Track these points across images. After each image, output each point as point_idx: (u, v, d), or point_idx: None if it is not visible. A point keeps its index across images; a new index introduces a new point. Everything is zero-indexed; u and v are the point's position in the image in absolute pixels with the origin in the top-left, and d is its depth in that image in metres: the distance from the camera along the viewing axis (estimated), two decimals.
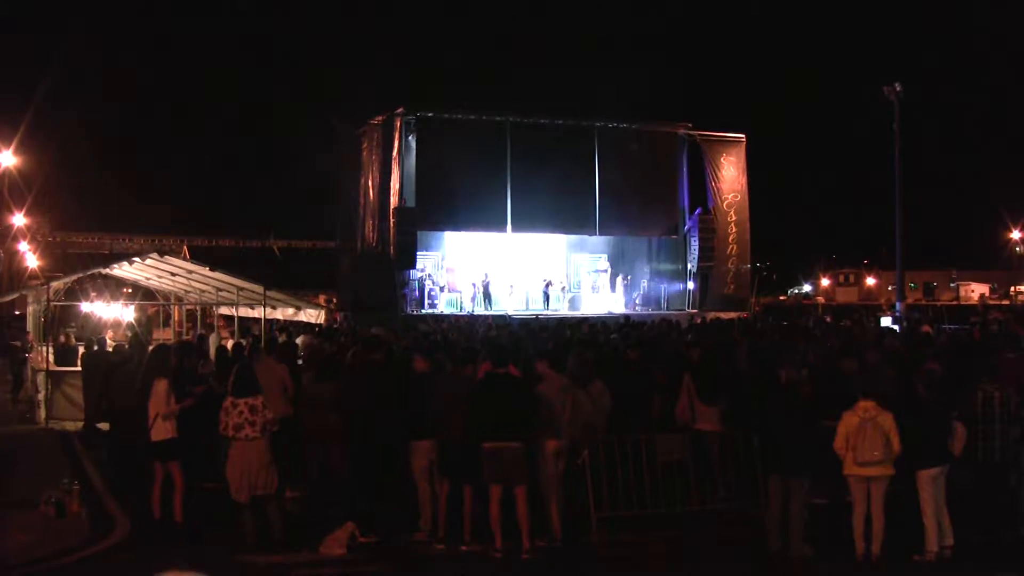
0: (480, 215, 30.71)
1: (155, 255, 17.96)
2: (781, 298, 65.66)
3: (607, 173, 32.26)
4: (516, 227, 31.02)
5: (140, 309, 23.96)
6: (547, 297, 30.50)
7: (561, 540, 8.10)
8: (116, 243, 35.56)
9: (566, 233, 32.48)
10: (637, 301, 32.01)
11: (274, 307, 18.45)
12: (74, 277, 19.86)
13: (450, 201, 29.74)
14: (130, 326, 21.89)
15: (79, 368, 14.69)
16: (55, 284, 18.47)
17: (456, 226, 31.15)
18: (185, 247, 32.82)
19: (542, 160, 30.42)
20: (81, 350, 15.62)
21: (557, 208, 30.55)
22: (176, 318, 25.59)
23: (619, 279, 31.69)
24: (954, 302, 50.55)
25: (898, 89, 27.94)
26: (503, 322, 21.28)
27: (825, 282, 70.00)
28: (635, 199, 32.49)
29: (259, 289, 17.23)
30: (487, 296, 29.30)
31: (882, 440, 7.51)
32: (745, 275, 34.20)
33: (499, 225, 30.96)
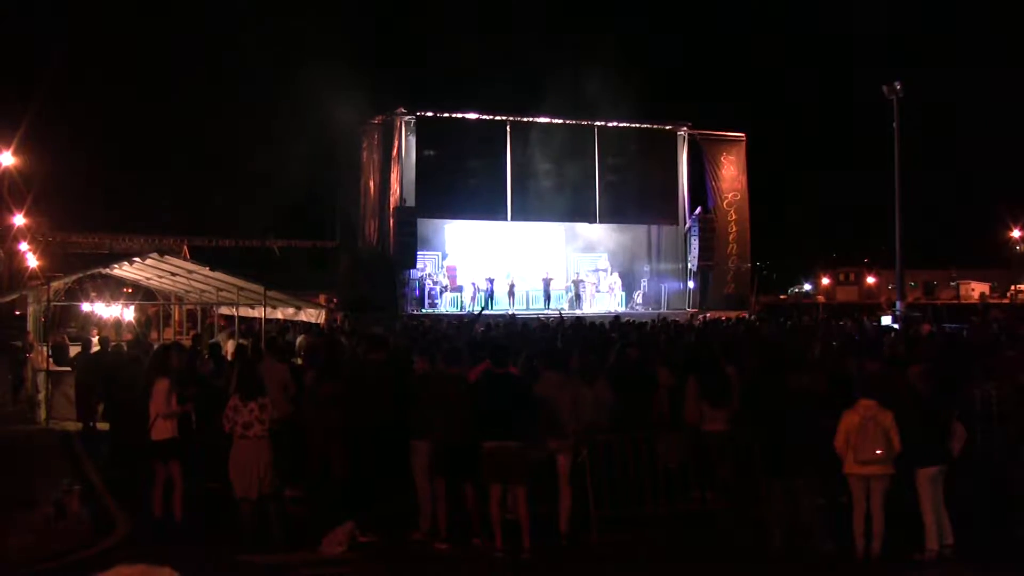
0: (480, 204, 30.79)
1: (155, 255, 17.87)
2: (782, 297, 65.49)
3: (607, 170, 32.32)
4: (516, 216, 30.99)
5: (140, 309, 23.92)
6: (548, 296, 30.42)
7: (567, 539, 8.11)
8: (116, 243, 35.37)
9: (566, 221, 32.44)
10: (637, 300, 32.01)
11: (274, 307, 18.40)
12: (74, 277, 19.81)
13: (450, 193, 29.90)
14: (130, 326, 21.86)
15: (85, 368, 14.60)
16: (55, 284, 18.41)
17: (456, 214, 31.16)
18: (185, 247, 32.66)
19: (542, 156, 30.56)
20: (78, 349, 15.58)
21: (557, 198, 30.62)
22: (176, 318, 25.53)
23: (617, 277, 31.67)
24: (954, 301, 50.45)
25: (898, 88, 27.99)
26: (502, 321, 21.24)
27: (825, 281, 69.80)
28: (635, 194, 32.60)
29: (259, 289, 17.19)
30: (491, 296, 29.23)
31: (884, 438, 7.50)
32: (745, 274, 34.22)
33: (499, 214, 30.93)
